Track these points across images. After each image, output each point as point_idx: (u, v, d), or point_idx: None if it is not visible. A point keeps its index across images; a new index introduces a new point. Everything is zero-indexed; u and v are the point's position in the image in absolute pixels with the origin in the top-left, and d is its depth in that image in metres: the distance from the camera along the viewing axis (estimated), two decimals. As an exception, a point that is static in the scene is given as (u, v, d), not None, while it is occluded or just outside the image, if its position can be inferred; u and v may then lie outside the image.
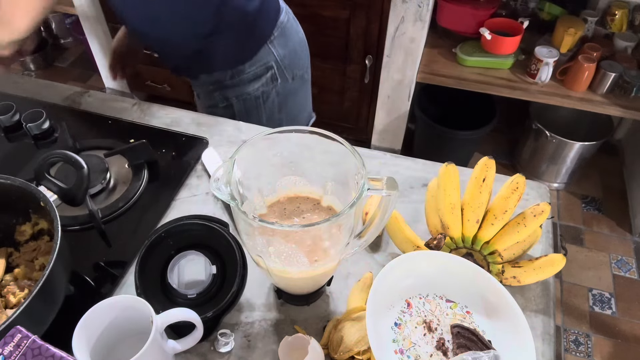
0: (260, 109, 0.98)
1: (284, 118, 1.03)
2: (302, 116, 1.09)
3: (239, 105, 0.97)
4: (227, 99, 0.96)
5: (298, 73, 1.00)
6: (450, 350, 0.57)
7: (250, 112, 0.98)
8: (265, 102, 0.98)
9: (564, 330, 1.64)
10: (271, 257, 0.55)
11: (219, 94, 0.96)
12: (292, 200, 0.62)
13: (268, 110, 0.99)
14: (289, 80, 0.98)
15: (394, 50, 1.71)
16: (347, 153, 0.54)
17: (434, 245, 0.66)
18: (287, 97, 1.00)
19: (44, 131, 0.92)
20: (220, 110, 0.99)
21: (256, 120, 0.99)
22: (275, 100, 0.99)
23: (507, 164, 2.17)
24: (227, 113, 0.98)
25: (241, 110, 0.98)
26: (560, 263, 0.66)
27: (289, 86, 0.99)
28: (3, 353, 0.47)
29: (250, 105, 0.97)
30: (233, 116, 0.98)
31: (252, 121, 0.97)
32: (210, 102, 1.00)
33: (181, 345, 0.60)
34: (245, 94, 0.95)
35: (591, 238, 1.89)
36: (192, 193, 0.83)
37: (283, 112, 1.02)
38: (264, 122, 1.00)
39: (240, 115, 0.98)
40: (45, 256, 0.67)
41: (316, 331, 0.65)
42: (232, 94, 0.96)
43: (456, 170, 0.69)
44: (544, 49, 1.69)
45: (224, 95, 0.96)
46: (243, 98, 0.96)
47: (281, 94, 0.99)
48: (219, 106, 0.99)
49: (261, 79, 0.94)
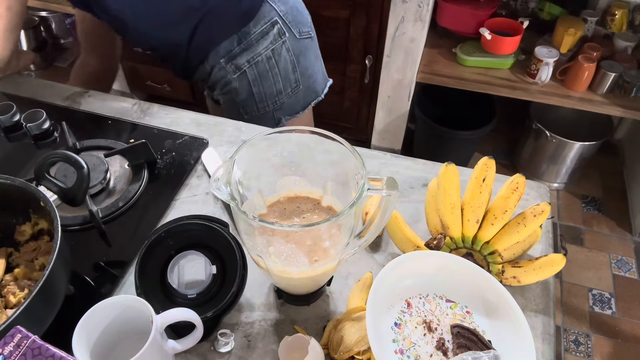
0: (274, 71, 0.97)
1: (299, 78, 1.01)
2: (317, 77, 1.07)
3: (251, 71, 0.96)
4: (239, 67, 0.95)
5: (304, 29, 0.99)
6: (450, 350, 0.57)
7: (264, 76, 0.97)
8: (278, 62, 0.97)
9: (564, 330, 1.64)
10: (271, 257, 0.55)
11: (231, 65, 0.95)
12: (292, 200, 0.62)
13: (282, 70, 0.98)
14: (296, 35, 0.98)
15: (394, 50, 1.71)
16: (347, 153, 0.54)
17: (434, 245, 0.66)
18: (298, 56, 1.00)
19: (44, 131, 0.92)
20: (234, 84, 0.98)
21: (271, 83, 0.98)
22: (287, 58, 0.98)
23: (507, 164, 2.17)
24: (242, 85, 0.97)
25: (255, 77, 0.97)
26: (560, 263, 0.66)
27: (298, 44, 0.99)
28: (3, 353, 0.47)
29: (262, 68, 0.96)
30: (248, 85, 0.97)
31: (267, 86, 0.97)
32: (224, 82, 0.98)
33: (181, 345, 0.60)
34: (257, 55, 0.95)
35: (591, 238, 1.89)
36: (192, 193, 0.83)
37: (297, 71, 1.00)
38: (280, 86, 0.99)
39: (255, 83, 0.97)
40: (45, 256, 0.67)
41: (316, 331, 0.65)
42: (244, 59, 0.95)
43: (456, 170, 0.69)
44: (544, 49, 1.69)
45: (236, 65, 0.95)
46: (255, 62, 0.95)
47: (292, 51, 0.98)
48: (231, 83, 0.98)
49: (269, 35, 0.94)
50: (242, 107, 1.01)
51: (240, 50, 0.94)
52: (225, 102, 1.04)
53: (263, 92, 0.99)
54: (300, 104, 1.05)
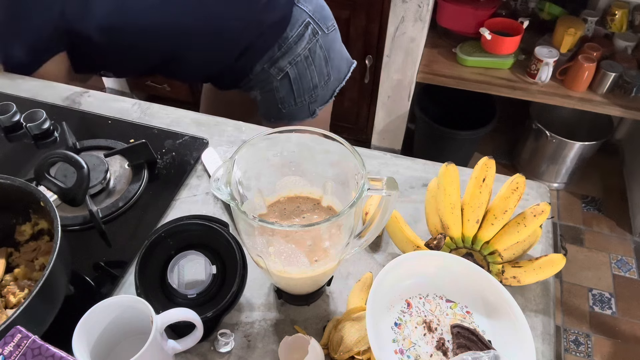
0: (311, 68, 1.04)
1: (330, 70, 1.08)
2: (343, 64, 1.14)
3: (293, 71, 1.02)
4: (282, 69, 1.02)
5: (329, 23, 1.06)
6: (450, 350, 0.57)
7: (303, 74, 1.04)
8: (314, 60, 1.04)
9: (564, 330, 1.64)
10: (271, 257, 0.55)
11: (274, 69, 1.02)
12: (292, 200, 0.62)
13: (317, 66, 1.05)
14: (325, 31, 1.04)
15: (394, 50, 1.71)
16: (347, 153, 0.54)
17: (434, 245, 0.66)
18: (329, 50, 1.06)
19: (44, 131, 0.92)
20: (275, 84, 1.04)
21: (309, 80, 1.05)
22: (320, 55, 1.04)
23: (507, 164, 2.17)
24: (283, 84, 1.04)
25: (296, 76, 1.03)
26: (560, 263, 0.66)
27: (327, 38, 1.05)
28: (3, 353, 0.47)
29: (301, 67, 1.03)
30: (289, 84, 1.04)
31: (305, 83, 1.05)
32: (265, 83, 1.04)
33: (181, 345, 0.60)
34: (296, 56, 1.01)
35: (591, 238, 1.89)
36: (192, 193, 0.83)
37: (329, 64, 1.07)
38: (315, 81, 1.06)
39: (296, 82, 1.04)
40: (45, 256, 0.67)
41: (316, 331, 0.65)
42: (285, 61, 1.01)
43: (456, 170, 0.69)
44: (544, 49, 1.69)
45: (279, 67, 1.02)
46: (295, 62, 1.02)
47: (324, 46, 1.04)
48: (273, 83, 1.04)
49: (304, 36, 1.00)
50: (280, 103, 1.08)
51: (282, 54, 1.00)
52: (263, 99, 1.09)
53: (302, 88, 1.06)
54: (329, 94, 1.12)
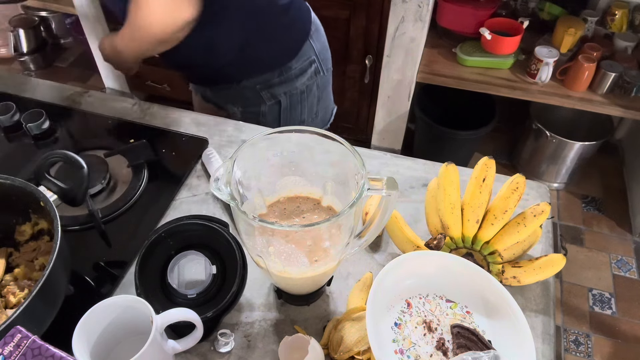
0: (303, 103, 1.03)
1: (319, 111, 1.08)
2: (330, 106, 1.14)
3: (285, 101, 1.01)
4: (274, 96, 0.99)
5: (328, 65, 1.05)
6: (450, 350, 0.57)
7: (295, 106, 1.02)
8: (308, 96, 1.03)
9: (564, 330, 1.64)
10: (271, 257, 0.55)
11: (267, 93, 0.99)
12: (292, 200, 0.62)
13: (309, 103, 1.04)
14: (325, 73, 1.03)
15: (394, 50, 1.71)
16: (347, 153, 0.54)
17: (434, 245, 0.66)
18: (323, 90, 1.06)
19: (44, 131, 0.92)
20: (263, 108, 1.01)
21: (298, 114, 1.04)
22: (315, 93, 1.04)
23: (507, 164, 2.17)
24: (272, 111, 1.01)
25: (287, 106, 1.02)
26: (560, 263, 0.66)
27: (325, 79, 1.05)
28: (3, 353, 0.47)
29: (295, 100, 1.01)
30: (278, 112, 1.02)
31: (294, 115, 1.02)
32: (253, 103, 1.01)
33: (181, 345, 0.60)
34: (293, 89, 0.99)
35: (591, 238, 1.89)
36: (192, 193, 0.83)
37: (319, 104, 1.07)
38: (304, 116, 1.05)
39: (285, 111, 1.02)
40: (45, 256, 0.67)
41: (316, 331, 0.65)
42: (280, 90, 0.99)
43: (456, 170, 0.69)
44: (544, 49, 1.69)
45: (272, 93, 0.99)
46: (290, 94, 1.00)
47: (320, 87, 1.04)
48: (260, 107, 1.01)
49: (306, 73, 0.99)
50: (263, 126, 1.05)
51: (279, 82, 0.98)
52: (244, 118, 1.05)
53: (290, 119, 1.04)
54: None
